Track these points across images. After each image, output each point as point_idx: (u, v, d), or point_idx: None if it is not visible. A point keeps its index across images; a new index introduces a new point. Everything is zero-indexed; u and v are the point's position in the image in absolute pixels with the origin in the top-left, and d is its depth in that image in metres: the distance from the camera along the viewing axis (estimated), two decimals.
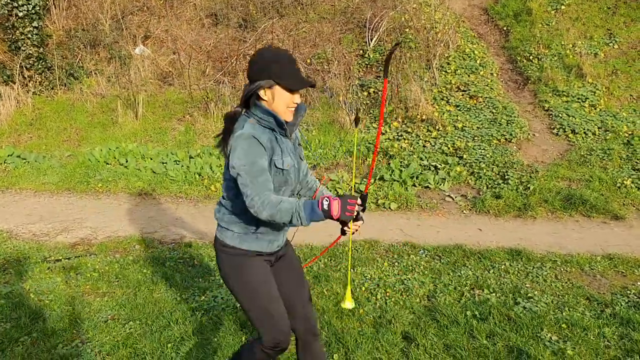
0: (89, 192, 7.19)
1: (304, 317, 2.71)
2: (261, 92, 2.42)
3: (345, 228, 2.50)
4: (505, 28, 10.74)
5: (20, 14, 9.59)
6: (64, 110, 9.77)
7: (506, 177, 6.55)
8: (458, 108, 8.32)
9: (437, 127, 7.73)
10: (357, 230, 2.48)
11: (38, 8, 9.78)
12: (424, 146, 7.48)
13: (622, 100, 8.30)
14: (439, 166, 6.86)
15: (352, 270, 4.74)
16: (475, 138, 7.44)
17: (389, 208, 6.32)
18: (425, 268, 4.72)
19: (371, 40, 10.32)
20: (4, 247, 5.53)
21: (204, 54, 10.57)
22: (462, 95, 8.68)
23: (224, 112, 2.68)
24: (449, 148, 7.30)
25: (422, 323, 3.81)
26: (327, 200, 2.27)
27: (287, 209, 2.28)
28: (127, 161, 7.86)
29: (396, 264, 4.84)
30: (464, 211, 6.14)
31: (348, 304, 2.55)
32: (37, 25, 9.84)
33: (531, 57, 9.49)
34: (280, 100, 2.41)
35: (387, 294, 4.28)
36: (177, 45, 10.53)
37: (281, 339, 2.53)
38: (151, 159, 7.99)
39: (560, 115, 7.89)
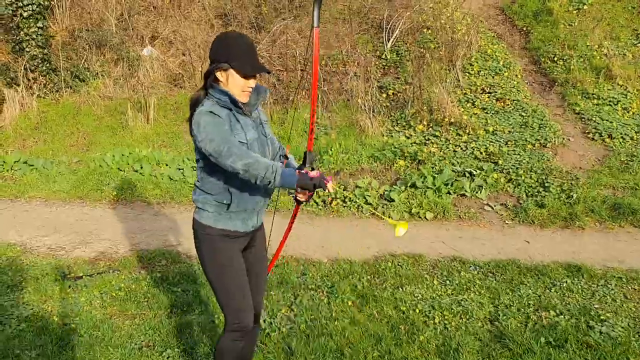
0: (103, 200, 6.81)
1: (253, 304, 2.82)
2: (217, 74, 2.53)
3: (299, 196, 2.59)
4: (524, 28, 10.43)
5: (25, 14, 9.19)
6: (70, 114, 9.38)
7: (546, 184, 6.22)
8: (485, 111, 8.00)
9: (467, 131, 7.40)
10: (310, 196, 2.60)
11: (42, 8, 9.38)
12: (454, 151, 7.15)
13: None
14: (474, 172, 6.52)
15: (400, 289, 4.40)
16: (509, 143, 7.11)
17: (425, 218, 5.98)
18: (481, 287, 4.38)
19: (388, 40, 10.00)
20: (19, 262, 5.15)
21: None
22: (488, 97, 8.35)
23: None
24: (481, 153, 6.97)
25: (492, 352, 3.47)
26: (306, 172, 2.43)
27: (264, 162, 2.39)
28: (141, 167, 7.48)
29: (447, 282, 4.50)
30: (507, 221, 5.81)
31: (401, 230, 2.45)
32: (41, 25, 9.44)
33: (556, 59, 9.18)
34: (234, 83, 2.52)
35: (445, 317, 3.94)
36: (187, 47, 10.16)
37: (243, 318, 2.69)
38: (167, 165, 7.62)
39: (593, 118, 7.57)
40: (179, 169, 7.46)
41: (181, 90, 9.83)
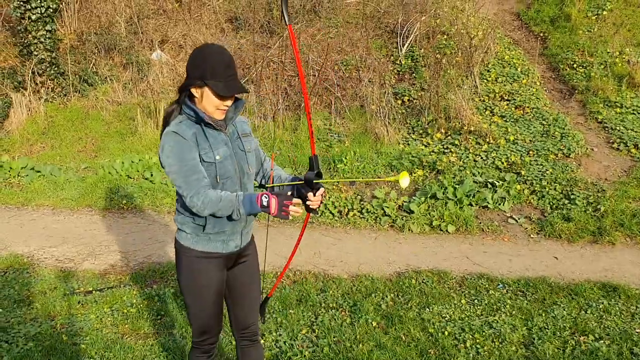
0: (113, 209, 6.61)
1: (242, 323, 2.80)
2: (192, 90, 2.40)
3: (308, 202, 2.47)
4: (541, 34, 10.22)
5: (34, 17, 9.03)
6: (78, 119, 9.20)
7: (571, 196, 5.99)
8: (504, 119, 7.78)
9: (487, 140, 7.17)
10: (321, 202, 2.51)
11: (51, 10, 9.22)
12: (474, 160, 6.92)
13: None
14: (496, 183, 6.30)
15: (427, 308, 4.18)
16: (530, 152, 6.88)
17: (446, 231, 5.76)
18: (512, 307, 4.15)
19: (403, 46, 9.80)
20: (25, 275, 4.95)
21: None
22: (507, 105, 8.13)
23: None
24: (502, 163, 6.74)
25: None
26: (266, 198, 2.34)
27: (226, 207, 2.36)
28: (152, 175, 7.28)
29: (476, 301, 4.28)
30: (532, 235, 5.58)
31: (404, 180, 2.34)
32: (50, 28, 9.27)
33: (575, 65, 8.95)
34: (208, 102, 2.38)
35: (477, 340, 3.71)
36: None
37: (208, 341, 2.69)
38: None
39: (617, 128, 7.34)
40: None
41: None
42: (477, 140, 7.27)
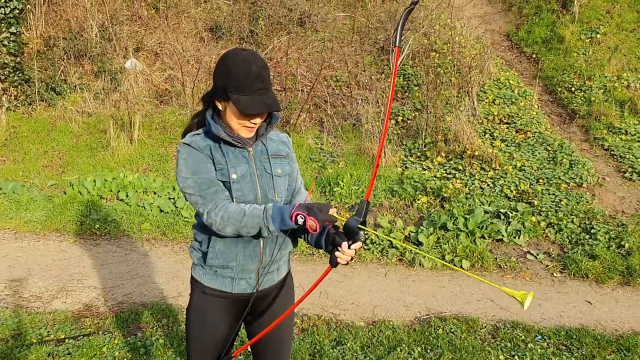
0: (84, 234, 5.88)
1: None
2: (216, 101, 2.07)
3: (337, 254, 1.97)
4: (533, 56, 9.93)
5: None
6: (44, 130, 8.41)
7: (592, 231, 5.57)
8: (506, 143, 7.36)
9: (492, 166, 6.72)
10: (352, 258, 1.99)
11: (17, 11, 8.44)
12: (481, 188, 6.46)
13: None
14: (510, 214, 5.83)
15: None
16: (540, 180, 6.46)
17: (460, 266, 5.24)
18: None
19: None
20: None
21: (205, 71, 9.37)
22: (507, 128, 7.73)
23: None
24: (512, 191, 6.29)
25: None
26: (302, 218, 1.87)
27: (252, 222, 1.94)
28: (127, 196, 6.56)
29: (516, 357, 3.74)
30: (555, 274, 5.11)
31: (528, 301, 1.83)
32: (15, 31, 8.50)
33: (573, 89, 8.65)
34: (232, 118, 2.03)
35: None
36: (176, 60, 9.31)
37: None
38: (155, 192, 6.72)
39: (625, 156, 7.00)
40: (170, 199, 6.57)
41: (167, 107, 8.95)
42: (481, 165, 6.82)
